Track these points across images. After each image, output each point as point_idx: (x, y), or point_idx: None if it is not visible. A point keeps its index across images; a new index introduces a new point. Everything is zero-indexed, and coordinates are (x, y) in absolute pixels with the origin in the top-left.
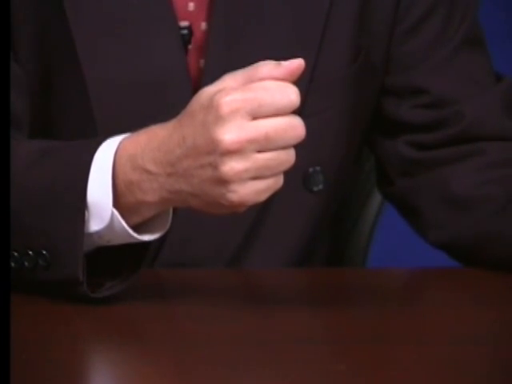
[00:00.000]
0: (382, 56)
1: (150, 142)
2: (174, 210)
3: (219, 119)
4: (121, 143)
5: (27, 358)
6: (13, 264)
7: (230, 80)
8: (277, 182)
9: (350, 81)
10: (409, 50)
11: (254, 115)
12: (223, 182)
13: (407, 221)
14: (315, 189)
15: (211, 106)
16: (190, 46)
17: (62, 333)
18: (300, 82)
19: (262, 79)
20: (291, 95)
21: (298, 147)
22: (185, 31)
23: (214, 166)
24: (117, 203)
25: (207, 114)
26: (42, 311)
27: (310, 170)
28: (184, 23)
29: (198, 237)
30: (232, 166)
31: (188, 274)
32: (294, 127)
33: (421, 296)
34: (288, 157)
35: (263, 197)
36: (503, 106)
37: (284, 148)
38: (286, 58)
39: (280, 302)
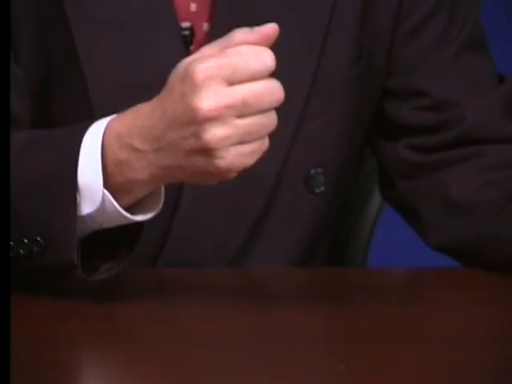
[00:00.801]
0: (384, 57)
1: (136, 120)
2: (175, 210)
3: (195, 87)
4: (108, 124)
5: (27, 358)
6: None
7: (206, 50)
8: (262, 146)
9: (352, 82)
10: (410, 51)
11: (230, 81)
12: (207, 150)
13: (409, 224)
14: (317, 190)
15: (186, 76)
16: (191, 47)
17: (62, 333)
18: (302, 83)
19: (236, 45)
20: (266, 59)
21: (300, 149)
22: (186, 32)
23: (196, 136)
24: (107, 184)
25: (184, 83)
26: (42, 311)
27: (312, 171)
28: (186, 24)
29: (199, 237)
30: (213, 134)
31: (189, 274)
32: (272, 91)
33: (421, 296)
34: (269, 120)
35: (250, 160)
36: (504, 108)
37: (264, 112)
38: (288, 60)
39: (280, 301)
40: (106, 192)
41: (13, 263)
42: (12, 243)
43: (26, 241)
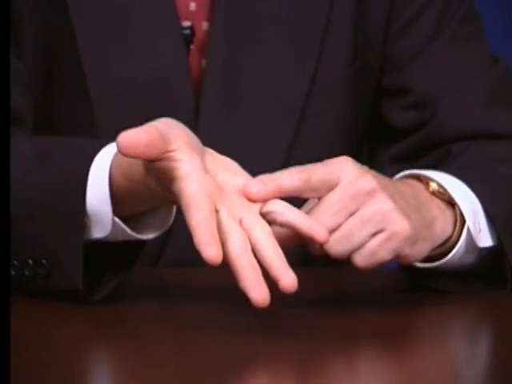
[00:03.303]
0: (378, 57)
1: None
2: (178, 209)
3: None
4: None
5: (27, 358)
6: (13, 272)
7: None
8: None
9: (350, 82)
10: (400, 49)
11: None
12: None
13: None
14: None
15: None
16: (191, 46)
17: (62, 333)
18: (302, 83)
19: None
20: None
21: (300, 148)
22: (187, 31)
23: None
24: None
25: None
26: (42, 311)
27: None
28: (186, 23)
29: None
30: None
31: (191, 274)
32: None
33: (421, 296)
34: None
35: None
36: (491, 99)
37: None
38: (287, 59)
39: (281, 301)
40: (117, 220)
41: (17, 283)
42: (16, 262)
43: (30, 262)
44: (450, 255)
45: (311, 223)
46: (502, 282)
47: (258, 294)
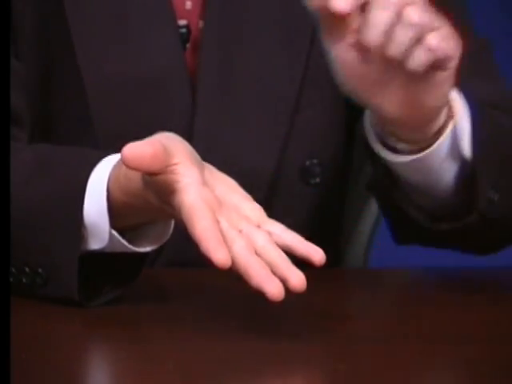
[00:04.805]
0: None
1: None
2: None
3: None
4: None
5: (27, 358)
6: (11, 279)
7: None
8: None
9: None
10: None
11: None
12: None
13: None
14: (312, 181)
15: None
16: (187, 45)
17: (62, 333)
18: (295, 73)
19: None
20: None
21: (296, 139)
22: (183, 30)
23: None
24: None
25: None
26: (42, 311)
27: (307, 162)
28: (182, 22)
29: None
30: None
31: (188, 274)
32: None
33: (421, 296)
34: None
35: None
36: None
37: None
38: (279, 53)
39: (281, 301)
40: (113, 232)
41: (15, 289)
42: (14, 270)
43: (27, 270)
44: (438, 142)
45: (307, 245)
46: (469, 211)
47: (273, 288)
